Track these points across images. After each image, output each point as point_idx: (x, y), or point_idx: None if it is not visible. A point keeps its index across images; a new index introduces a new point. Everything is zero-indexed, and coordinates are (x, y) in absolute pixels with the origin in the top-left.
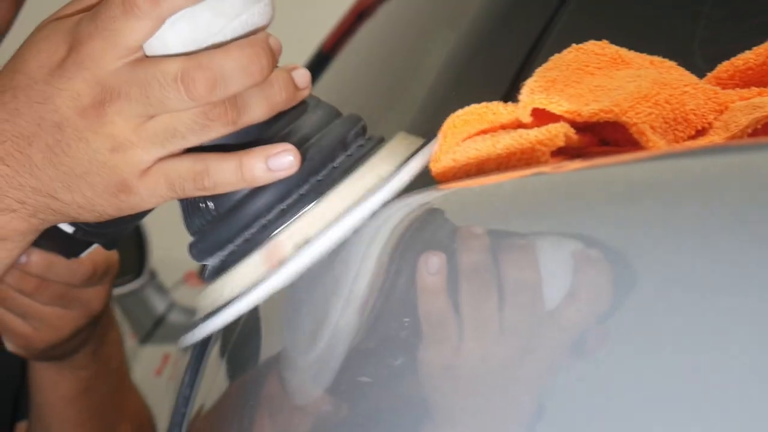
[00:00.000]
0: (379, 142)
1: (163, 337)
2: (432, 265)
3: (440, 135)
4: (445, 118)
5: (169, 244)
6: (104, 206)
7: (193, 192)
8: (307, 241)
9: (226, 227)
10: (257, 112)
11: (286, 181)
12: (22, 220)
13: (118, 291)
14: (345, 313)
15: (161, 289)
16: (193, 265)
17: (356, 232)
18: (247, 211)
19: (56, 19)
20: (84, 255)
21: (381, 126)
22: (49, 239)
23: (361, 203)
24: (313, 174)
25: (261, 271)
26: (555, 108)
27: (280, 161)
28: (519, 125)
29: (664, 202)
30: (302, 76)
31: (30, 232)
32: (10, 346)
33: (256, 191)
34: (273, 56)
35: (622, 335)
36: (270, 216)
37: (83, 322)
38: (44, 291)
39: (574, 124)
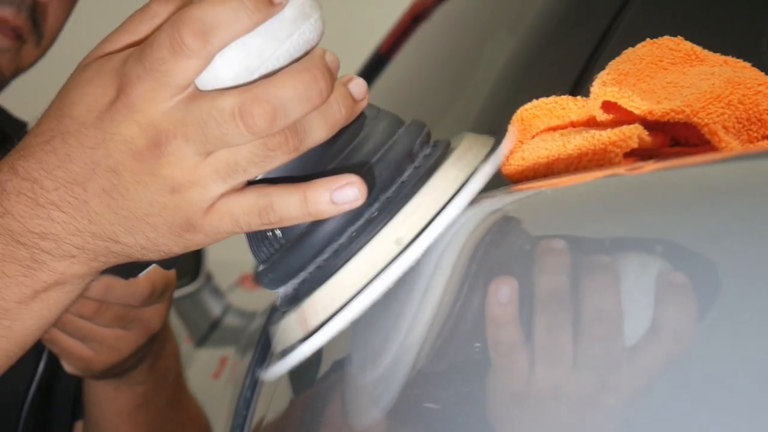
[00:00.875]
0: (446, 148)
1: (219, 340)
2: (502, 295)
3: (509, 129)
4: (509, 116)
5: (224, 246)
6: (169, 246)
7: (258, 227)
8: (386, 263)
9: (297, 256)
10: (318, 134)
11: None
12: (82, 264)
13: (174, 294)
14: (411, 332)
15: (217, 292)
16: (248, 267)
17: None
18: (317, 237)
19: (98, 57)
20: (142, 275)
21: (443, 126)
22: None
23: (433, 221)
24: (382, 191)
25: (342, 298)
26: (626, 103)
27: (345, 194)
28: (589, 120)
29: (747, 206)
30: (359, 86)
31: (90, 274)
32: (69, 369)
33: None
34: (331, 76)
35: (706, 382)
36: (341, 240)
37: (143, 341)
38: (104, 314)
39: (645, 121)
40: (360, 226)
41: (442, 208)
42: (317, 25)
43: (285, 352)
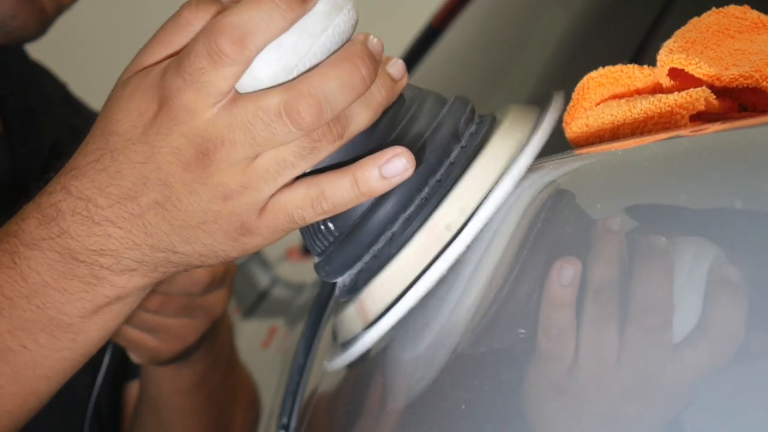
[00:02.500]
0: (492, 124)
1: (267, 311)
2: (566, 275)
3: (574, 96)
4: (566, 88)
5: None
6: (227, 251)
7: (313, 218)
8: (441, 248)
9: (352, 247)
10: (361, 119)
11: (404, 187)
12: (142, 276)
13: None
14: (455, 314)
15: (264, 264)
16: (296, 240)
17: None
18: (370, 226)
19: (137, 71)
20: None
21: (498, 97)
22: None
23: (484, 201)
24: (431, 174)
25: (400, 286)
26: (694, 69)
27: (394, 167)
28: (654, 88)
29: None
30: (398, 67)
31: (150, 285)
32: (137, 360)
33: (376, 204)
34: (373, 61)
35: (753, 387)
36: (395, 228)
37: (207, 327)
38: (168, 305)
39: (712, 88)
40: (412, 212)
41: (492, 188)
42: (351, 15)
43: (347, 343)
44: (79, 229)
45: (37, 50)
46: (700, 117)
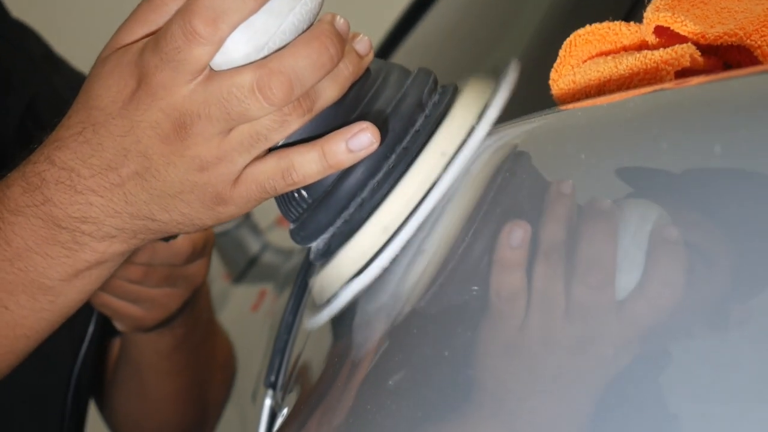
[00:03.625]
0: (454, 93)
1: (257, 276)
2: (515, 238)
3: (561, 53)
4: (560, 45)
5: None
6: (203, 219)
7: (283, 189)
8: (407, 213)
9: (324, 212)
10: (329, 94)
11: (372, 156)
12: (121, 243)
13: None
14: (415, 271)
15: (255, 230)
16: None
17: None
18: (341, 193)
19: (116, 49)
20: (181, 237)
21: (494, 56)
22: None
23: (448, 166)
24: (398, 143)
25: (371, 248)
26: (680, 27)
27: (360, 141)
28: (641, 46)
29: None
30: (363, 43)
31: (129, 251)
32: (121, 328)
33: (347, 172)
34: (340, 40)
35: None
36: (364, 194)
37: (189, 296)
38: (151, 276)
39: (698, 46)
40: (380, 178)
41: (455, 152)
42: None
43: (324, 304)
44: (62, 197)
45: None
46: (686, 74)
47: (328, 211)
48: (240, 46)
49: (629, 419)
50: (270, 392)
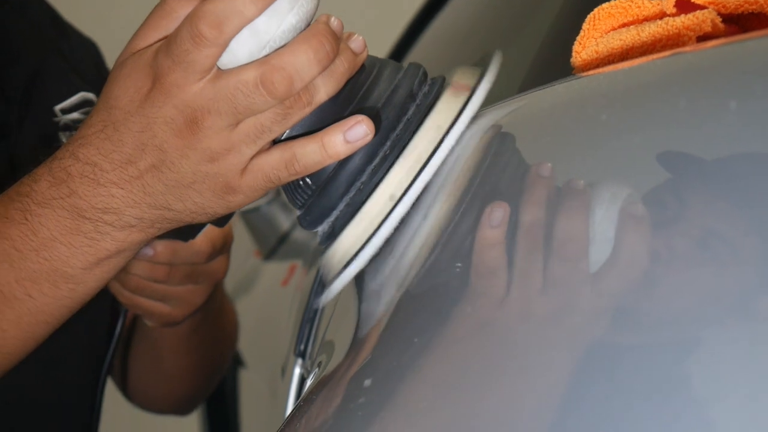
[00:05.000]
0: (442, 84)
1: (287, 253)
2: (495, 218)
3: (584, 26)
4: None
5: None
6: (214, 208)
7: (287, 178)
8: (402, 192)
9: (327, 198)
10: (327, 87)
11: (369, 143)
12: (140, 232)
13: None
14: (408, 250)
15: (286, 207)
16: None
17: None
18: (342, 179)
19: (132, 54)
20: (199, 236)
21: (519, 40)
22: (170, 230)
23: (437, 149)
24: (391, 130)
25: (371, 226)
26: None
27: (356, 132)
28: (662, 16)
29: None
30: (358, 42)
31: (145, 241)
32: (151, 324)
33: (346, 159)
34: (335, 38)
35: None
36: (363, 178)
37: (211, 290)
38: (174, 275)
39: (718, 14)
40: (377, 163)
41: (444, 137)
42: None
43: (330, 281)
44: (86, 189)
45: None
46: (707, 41)
47: (331, 195)
48: (243, 46)
49: (603, 387)
50: (299, 361)
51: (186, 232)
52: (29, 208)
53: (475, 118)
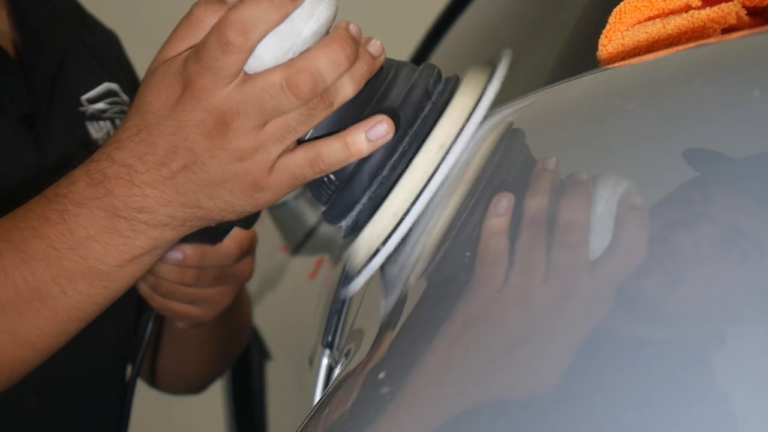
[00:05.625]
0: (456, 82)
1: (314, 248)
2: (500, 207)
3: (610, 20)
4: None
5: None
6: (243, 205)
7: (312, 176)
8: (421, 186)
9: (350, 192)
10: (348, 89)
11: (389, 141)
12: (172, 230)
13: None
14: (424, 241)
15: (313, 202)
16: None
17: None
18: (364, 174)
19: (162, 62)
20: (227, 239)
21: (546, 34)
22: (198, 234)
23: (453, 144)
24: (409, 127)
25: (393, 219)
26: None
27: (377, 131)
28: (688, 10)
29: None
30: (376, 46)
31: (177, 238)
32: (183, 326)
33: (367, 156)
34: (355, 42)
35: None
36: (384, 173)
37: (238, 291)
38: (203, 278)
39: (744, 7)
40: (396, 158)
41: (459, 132)
42: (331, 3)
43: (357, 272)
44: (121, 190)
45: None
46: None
47: (354, 190)
48: (268, 51)
49: (602, 372)
50: (327, 351)
51: (214, 235)
52: (66, 209)
53: (491, 113)
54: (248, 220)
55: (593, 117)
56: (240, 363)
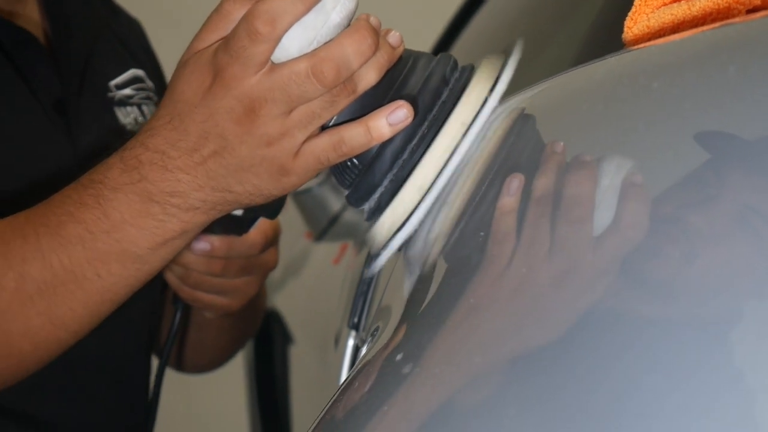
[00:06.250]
0: (471, 69)
1: (338, 234)
2: (512, 187)
3: (636, 2)
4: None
5: None
6: (270, 189)
7: (335, 159)
8: (440, 167)
9: (373, 175)
10: (370, 77)
11: (409, 125)
12: (203, 214)
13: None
14: (438, 218)
15: (337, 188)
16: None
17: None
18: (385, 157)
19: (193, 54)
20: (253, 230)
21: (573, 16)
22: (224, 225)
23: (470, 127)
24: (428, 112)
25: (414, 199)
26: None
27: (398, 116)
28: None
29: None
30: (395, 37)
31: (206, 223)
32: (211, 316)
33: (388, 140)
34: (375, 33)
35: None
36: (404, 156)
37: (264, 280)
38: (230, 268)
39: None
40: (416, 142)
41: (475, 117)
42: None
43: (380, 250)
44: (155, 175)
45: None
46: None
47: (376, 173)
48: (294, 41)
49: (603, 344)
50: (353, 333)
51: (240, 226)
52: (102, 194)
53: (505, 98)
54: (273, 210)
55: (616, 96)
56: (262, 349)
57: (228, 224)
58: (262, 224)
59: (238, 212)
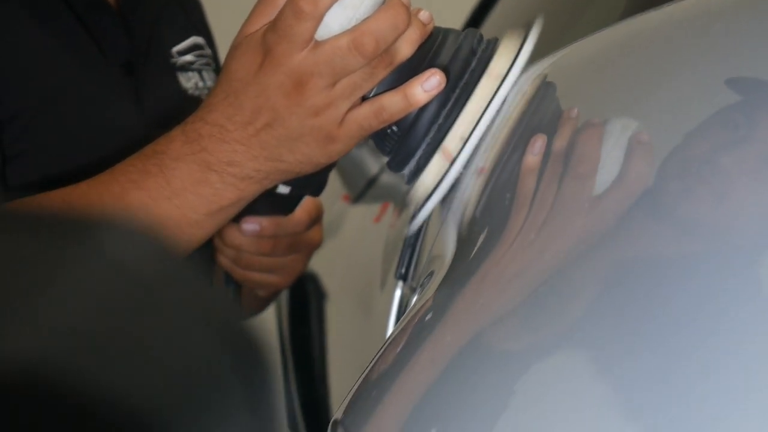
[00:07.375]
0: (496, 41)
1: (376, 196)
2: (536, 147)
3: None
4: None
5: None
6: (318, 157)
7: (377, 126)
8: (471, 129)
9: (411, 140)
10: (405, 50)
11: (442, 92)
12: (256, 183)
13: None
14: (469, 184)
15: (373, 151)
16: None
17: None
18: (422, 123)
19: (244, 37)
20: (298, 208)
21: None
22: (272, 205)
23: (497, 92)
24: (459, 80)
25: (451, 157)
26: None
27: (431, 83)
28: None
29: None
30: (425, 15)
31: (258, 192)
32: (262, 294)
33: (424, 107)
34: (408, 10)
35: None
36: (440, 120)
37: (311, 256)
38: (279, 246)
39: None
40: (450, 107)
41: (501, 83)
42: None
43: (417, 211)
44: (214, 146)
45: None
46: None
47: (414, 137)
48: (336, 19)
49: (609, 294)
50: (400, 283)
51: (286, 206)
52: (165, 163)
53: (531, 63)
54: (316, 188)
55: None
56: (297, 309)
57: (275, 204)
58: (306, 203)
59: (285, 190)
